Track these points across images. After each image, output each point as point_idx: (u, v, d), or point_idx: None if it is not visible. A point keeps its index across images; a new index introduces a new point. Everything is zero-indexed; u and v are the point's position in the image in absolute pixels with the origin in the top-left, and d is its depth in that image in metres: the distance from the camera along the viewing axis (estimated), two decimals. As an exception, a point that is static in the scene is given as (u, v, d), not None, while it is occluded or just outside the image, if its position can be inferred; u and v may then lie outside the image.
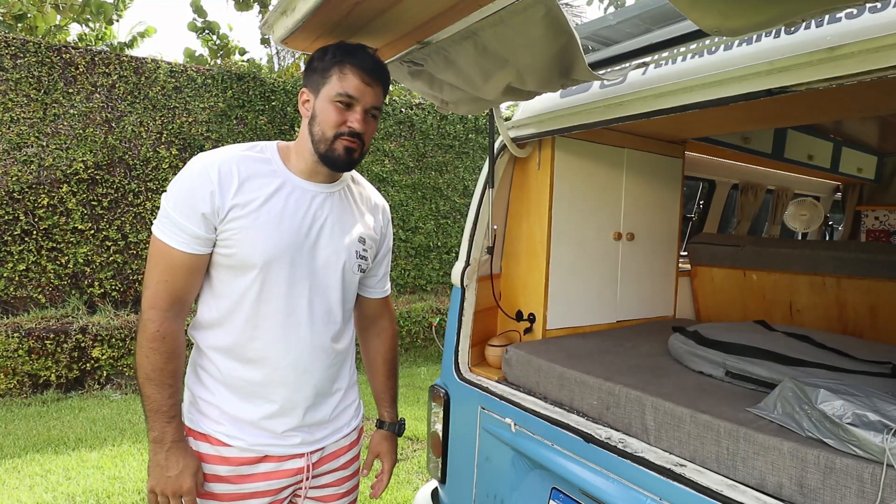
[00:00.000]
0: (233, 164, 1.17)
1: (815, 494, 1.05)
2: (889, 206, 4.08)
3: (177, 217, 1.12)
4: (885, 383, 1.35)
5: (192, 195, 1.12)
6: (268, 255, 1.16)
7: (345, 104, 1.17)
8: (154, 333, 1.13)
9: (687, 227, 3.64)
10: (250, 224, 1.15)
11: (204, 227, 1.13)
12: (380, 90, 1.21)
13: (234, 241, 1.15)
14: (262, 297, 1.19)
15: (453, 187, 7.51)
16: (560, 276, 2.07)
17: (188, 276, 1.16)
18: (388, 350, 1.55)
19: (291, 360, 1.22)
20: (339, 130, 1.18)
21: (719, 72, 1.29)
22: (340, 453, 1.37)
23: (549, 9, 1.16)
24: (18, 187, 5.09)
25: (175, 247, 1.13)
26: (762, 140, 2.87)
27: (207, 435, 1.20)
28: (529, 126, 1.93)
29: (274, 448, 1.23)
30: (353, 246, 1.30)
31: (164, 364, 1.14)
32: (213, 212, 1.13)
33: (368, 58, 1.19)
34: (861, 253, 2.26)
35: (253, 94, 6.24)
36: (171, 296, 1.15)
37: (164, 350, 1.14)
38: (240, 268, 1.17)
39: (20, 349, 4.64)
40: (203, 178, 1.13)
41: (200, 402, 1.23)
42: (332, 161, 1.20)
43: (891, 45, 1.01)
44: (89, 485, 3.18)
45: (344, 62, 1.17)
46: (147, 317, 1.14)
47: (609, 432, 1.42)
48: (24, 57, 5.12)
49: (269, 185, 1.19)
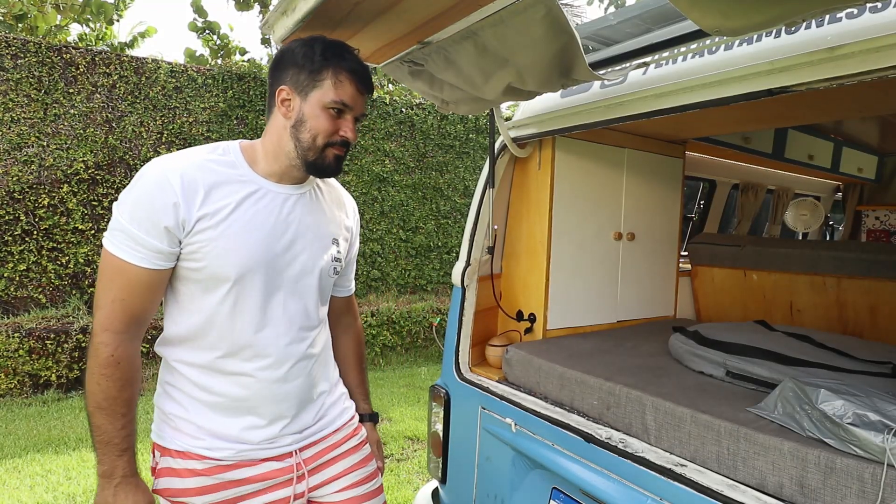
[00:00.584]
0: (196, 172, 1.08)
1: (815, 494, 1.05)
2: (889, 206, 4.07)
3: (134, 231, 1.02)
4: (886, 383, 1.35)
5: (153, 207, 1.02)
6: (241, 267, 1.09)
7: (338, 111, 1.13)
8: (108, 359, 1.04)
9: (687, 227, 3.64)
10: (219, 235, 1.07)
11: (167, 241, 1.04)
12: (367, 98, 1.19)
13: (203, 255, 1.07)
14: (236, 311, 1.12)
15: (454, 187, 7.51)
16: (560, 276, 2.07)
17: (148, 293, 1.07)
18: (357, 345, 1.52)
19: (270, 373, 1.15)
20: (331, 140, 1.13)
21: (720, 72, 1.29)
22: (342, 442, 1.32)
23: (549, 9, 1.16)
24: (19, 187, 5.10)
25: (133, 262, 1.03)
26: (762, 140, 2.87)
27: (187, 452, 1.14)
28: (530, 126, 1.93)
29: (260, 452, 1.18)
30: (327, 248, 1.26)
31: (118, 392, 1.05)
32: (178, 225, 1.04)
33: (359, 62, 1.15)
34: (861, 253, 2.26)
35: (253, 94, 6.24)
36: (129, 316, 1.06)
37: (117, 377, 1.04)
38: (210, 281, 1.09)
39: (21, 349, 4.64)
40: (164, 188, 1.03)
41: (173, 418, 1.15)
42: (321, 169, 1.16)
43: (891, 45, 1.01)
44: (90, 485, 3.18)
45: (339, 67, 1.11)
46: (100, 340, 1.04)
47: (609, 432, 1.42)
48: (24, 57, 5.13)
49: (238, 192, 1.11)
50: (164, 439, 1.17)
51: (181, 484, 1.14)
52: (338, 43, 1.15)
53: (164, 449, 1.17)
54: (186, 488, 1.14)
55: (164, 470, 1.17)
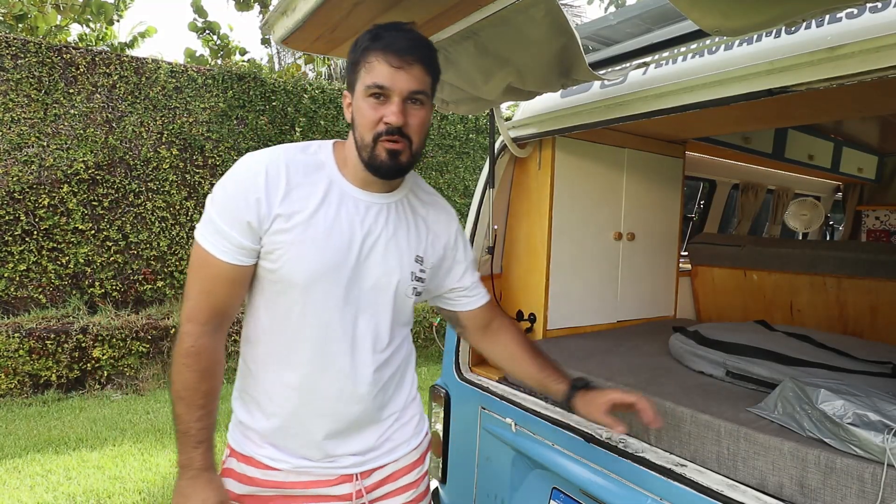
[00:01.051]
0: (281, 168, 1.04)
1: (815, 494, 1.05)
2: (890, 206, 4.07)
3: (219, 223, 1.02)
4: (886, 383, 1.35)
5: (237, 200, 1.01)
6: (311, 274, 1.04)
7: (377, 97, 1.01)
8: (188, 349, 1.03)
9: (687, 227, 3.64)
10: (295, 238, 1.03)
11: (249, 237, 1.02)
12: (419, 70, 1.01)
13: (278, 256, 1.04)
14: (303, 320, 1.07)
15: (454, 187, 7.51)
16: (560, 276, 2.07)
17: (230, 288, 1.06)
18: (518, 337, 1.34)
19: (334, 391, 1.10)
20: (376, 130, 1.02)
21: (720, 72, 1.29)
22: (400, 475, 1.22)
23: (549, 9, 1.16)
24: (19, 187, 5.10)
25: (217, 256, 1.02)
26: (763, 140, 2.87)
27: (250, 457, 1.13)
28: (530, 126, 1.93)
29: (320, 469, 1.13)
30: (408, 266, 1.14)
31: (197, 383, 1.04)
32: (259, 221, 1.02)
33: (398, 37, 1.01)
34: (861, 253, 2.26)
35: (253, 95, 6.24)
36: (212, 309, 1.05)
37: (197, 368, 1.04)
38: (281, 285, 1.06)
39: (21, 349, 4.64)
40: (249, 182, 1.02)
41: (242, 422, 1.15)
42: (377, 168, 1.04)
43: (891, 45, 1.01)
44: (90, 485, 3.18)
45: (369, 49, 1.01)
46: (184, 330, 1.05)
47: (609, 432, 1.42)
48: (24, 57, 5.13)
49: (319, 195, 1.06)
50: (234, 441, 1.17)
51: (238, 489, 1.13)
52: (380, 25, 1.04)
53: (232, 450, 1.16)
54: (242, 494, 1.13)
55: (227, 471, 1.16)
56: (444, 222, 1.24)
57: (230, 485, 1.13)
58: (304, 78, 7.31)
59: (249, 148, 6.19)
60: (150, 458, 3.55)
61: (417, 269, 1.16)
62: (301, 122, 6.49)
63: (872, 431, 1.01)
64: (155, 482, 3.24)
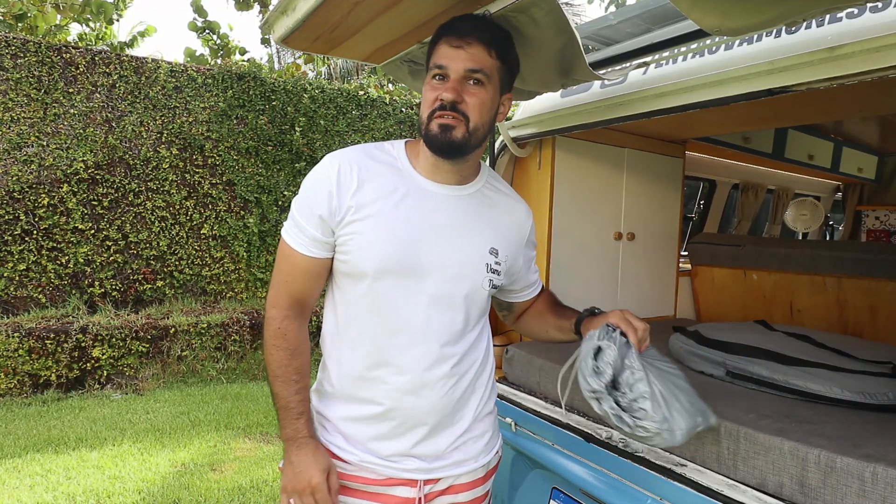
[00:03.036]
0: (354, 163, 1.08)
1: (815, 494, 1.05)
2: (889, 206, 4.08)
3: (299, 218, 1.09)
4: (886, 383, 1.35)
5: (312, 195, 1.08)
6: (380, 263, 1.05)
7: (439, 78, 1.04)
8: (276, 331, 1.11)
9: (687, 226, 3.65)
10: (365, 229, 1.06)
11: (321, 230, 1.07)
12: (479, 49, 1.02)
13: (349, 247, 1.07)
14: (373, 310, 1.09)
15: (453, 187, 7.51)
16: (560, 275, 2.07)
17: (306, 279, 1.12)
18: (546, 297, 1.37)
19: (404, 382, 1.09)
20: (432, 108, 1.04)
21: (720, 71, 1.29)
22: (461, 489, 1.18)
23: (549, 8, 1.16)
24: (19, 187, 5.10)
25: (295, 248, 1.09)
26: (763, 140, 2.87)
27: (323, 445, 1.15)
28: (530, 126, 1.93)
29: (385, 468, 1.11)
30: (483, 258, 1.14)
31: (288, 360, 1.11)
32: (331, 214, 1.06)
33: (462, 22, 1.04)
34: (861, 253, 2.26)
35: (253, 94, 6.24)
36: (291, 297, 1.12)
37: (285, 346, 1.11)
38: (353, 276, 1.09)
39: (20, 349, 4.64)
40: (323, 177, 1.07)
41: (317, 414, 1.18)
42: (431, 142, 1.05)
43: (891, 45, 1.01)
44: (90, 484, 3.18)
45: (437, 38, 1.06)
46: (269, 315, 1.13)
47: (610, 432, 1.42)
48: (24, 56, 5.12)
49: (390, 186, 1.08)
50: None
51: None
52: (455, 17, 1.08)
53: None
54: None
55: None
56: (520, 217, 1.25)
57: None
58: (304, 77, 7.31)
59: (249, 148, 6.20)
60: (150, 458, 3.55)
61: (493, 260, 1.15)
62: (301, 122, 6.49)
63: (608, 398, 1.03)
64: (154, 482, 3.23)
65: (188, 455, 3.61)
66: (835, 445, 1.07)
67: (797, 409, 1.30)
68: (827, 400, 1.33)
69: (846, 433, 1.14)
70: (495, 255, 1.16)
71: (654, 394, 1.03)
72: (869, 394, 1.31)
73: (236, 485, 3.18)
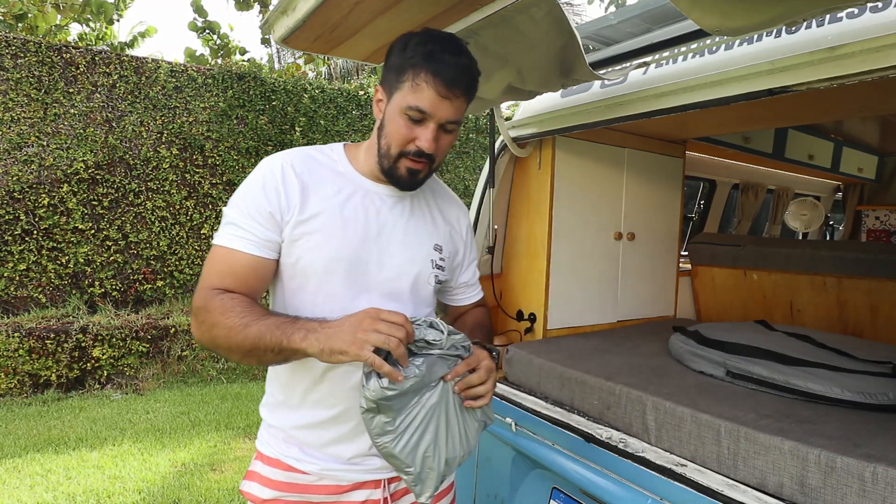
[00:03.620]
0: (297, 164, 1.07)
1: (816, 494, 1.05)
2: (890, 206, 4.08)
3: (242, 221, 1.02)
4: (886, 383, 1.35)
5: (258, 194, 1.03)
6: (329, 263, 1.05)
7: (415, 120, 1.02)
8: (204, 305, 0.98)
9: (687, 226, 3.65)
10: (314, 228, 1.05)
11: (272, 229, 1.03)
12: (461, 102, 1.03)
13: (299, 248, 1.05)
14: (323, 311, 1.06)
15: (454, 187, 7.51)
16: (560, 275, 2.07)
17: (251, 278, 1.03)
18: (482, 312, 1.34)
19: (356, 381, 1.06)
20: (404, 149, 1.03)
21: (720, 71, 1.29)
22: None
23: (549, 8, 1.16)
24: (19, 187, 5.10)
25: (241, 249, 1.01)
26: (763, 140, 2.87)
27: (277, 459, 1.11)
28: (530, 126, 1.93)
29: (347, 473, 1.10)
30: (428, 254, 1.16)
31: (235, 307, 0.97)
32: (280, 213, 1.03)
33: (450, 65, 0.99)
34: (861, 253, 2.26)
35: (253, 94, 6.24)
36: (225, 287, 1.02)
37: (224, 307, 0.97)
38: (300, 278, 1.06)
39: (21, 349, 4.64)
40: (267, 177, 1.05)
41: (268, 427, 1.15)
42: (396, 181, 1.08)
43: (891, 45, 1.01)
44: (90, 484, 3.18)
45: (420, 68, 0.99)
46: (195, 306, 1.01)
47: (610, 432, 1.42)
48: (24, 57, 5.12)
49: (334, 188, 1.08)
50: (261, 444, 1.16)
51: (263, 493, 1.11)
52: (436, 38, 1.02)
53: (259, 453, 1.15)
54: (267, 500, 1.10)
55: (252, 473, 1.15)
56: (457, 216, 1.27)
57: (255, 489, 1.11)
58: (304, 78, 7.31)
59: (249, 148, 6.19)
60: (150, 458, 3.55)
61: (437, 257, 1.18)
62: (301, 122, 6.49)
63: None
64: (155, 482, 3.23)
65: (188, 455, 3.61)
66: (835, 445, 1.07)
67: (797, 409, 1.30)
68: (827, 400, 1.33)
69: (846, 433, 1.14)
70: (440, 252, 1.18)
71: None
72: (869, 394, 1.31)
73: (236, 485, 3.18)
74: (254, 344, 0.94)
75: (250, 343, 0.94)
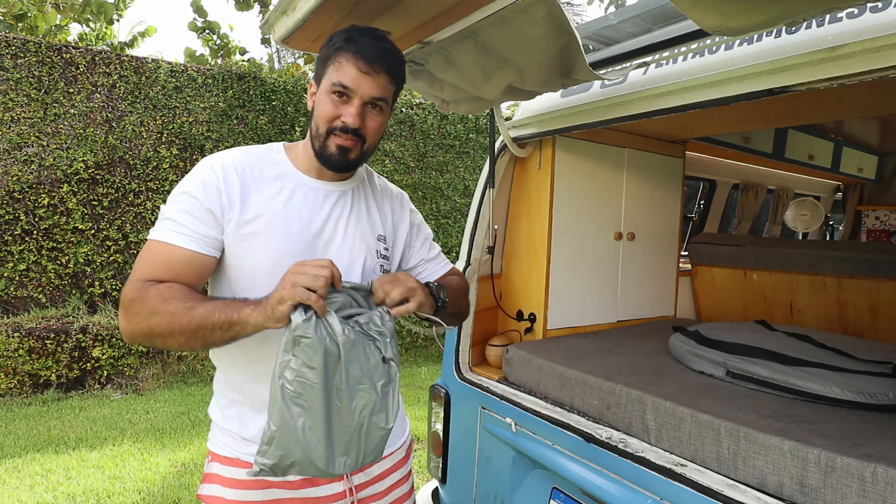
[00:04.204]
0: (237, 163, 1.09)
1: (816, 494, 1.05)
2: (890, 206, 4.07)
3: (182, 217, 1.02)
4: (886, 383, 1.35)
5: (199, 193, 1.03)
6: (276, 261, 1.05)
7: (339, 95, 1.05)
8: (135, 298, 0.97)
9: (687, 226, 3.65)
10: (257, 229, 1.06)
11: (212, 226, 1.03)
12: (384, 79, 1.07)
13: (241, 249, 1.05)
14: None
15: (454, 187, 7.51)
16: (560, 275, 2.07)
17: (187, 277, 1.01)
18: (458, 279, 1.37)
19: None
20: (331, 125, 1.07)
21: (720, 71, 1.29)
22: (387, 474, 1.24)
23: (549, 8, 1.16)
24: (19, 187, 5.09)
25: (179, 245, 1.00)
26: (763, 140, 2.87)
27: (236, 458, 1.11)
28: (530, 126, 1.93)
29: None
30: (373, 245, 1.19)
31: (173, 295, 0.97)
32: (221, 210, 1.04)
33: (370, 45, 1.05)
34: (862, 253, 2.26)
35: (253, 94, 6.24)
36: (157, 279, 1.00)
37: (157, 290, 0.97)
38: (247, 278, 1.07)
39: (21, 349, 4.64)
40: (207, 176, 1.05)
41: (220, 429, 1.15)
42: (326, 160, 1.10)
43: (891, 45, 1.01)
44: (90, 484, 3.18)
45: (341, 50, 1.04)
46: (124, 301, 0.98)
47: (609, 432, 1.42)
48: (24, 56, 5.12)
49: (276, 186, 1.10)
50: (215, 445, 1.15)
51: (226, 494, 1.10)
52: (358, 28, 1.08)
53: (214, 454, 1.14)
54: (228, 500, 1.10)
55: (211, 476, 1.13)
56: (399, 204, 1.32)
57: (217, 491, 1.11)
58: (305, 77, 7.31)
59: (249, 148, 6.19)
60: (150, 458, 3.54)
61: (381, 247, 1.22)
62: (301, 122, 6.49)
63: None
64: (155, 482, 3.23)
65: (188, 455, 3.61)
66: (835, 445, 1.07)
67: (797, 408, 1.30)
68: (827, 400, 1.33)
69: (846, 433, 1.14)
70: (383, 242, 1.22)
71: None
72: (869, 394, 1.31)
73: (236, 485, 3.18)
74: (199, 324, 0.94)
75: (196, 324, 0.94)
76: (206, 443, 1.18)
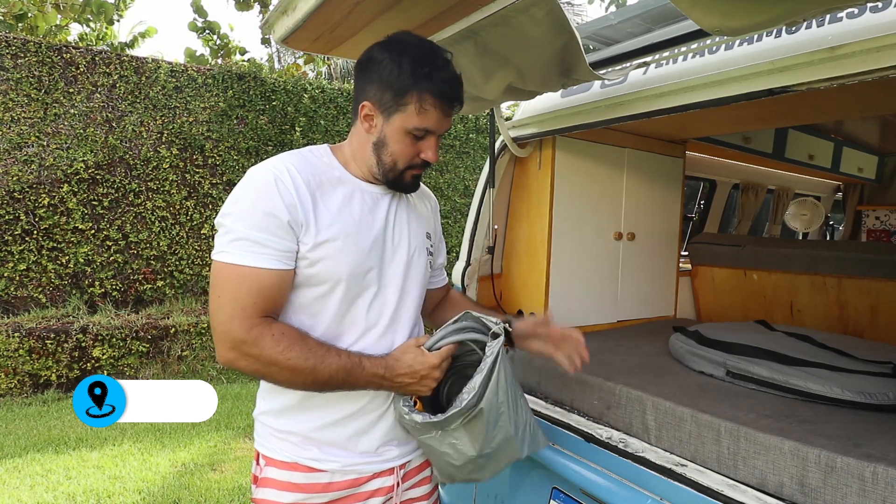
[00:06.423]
0: (301, 172, 1.05)
1: (816, 494, 1.05)
2: (890, 206, 4.07)
3: (255, 233, 0.98)
4: (886, 383, 1.35)
5: (268, 204, 0.99)
6: (353, 266, 1.06)
7: (418, 137, 1.08)
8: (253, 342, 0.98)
9: (688, 226, 3.64)
10: (332, 236, 1.04)
11: (290, 238, 1.01)
12: (457, 111, 1.11)
13: (316, 256, 1.03)
14: (345, 312, 1.08)
15: (454, 187, 7.51)
16: (560, 275, 2.07)
17: (278, 295, 1.02)
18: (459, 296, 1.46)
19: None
20: (413, 163, 1.10)
21: (720, 71, 1.29)
22: (423, 468, 1.27)
23: (550, 8, 1.16)
24: (19, 187, 5.10)
25: (261, 266, 0.98)
26: (763, 140, 2.87)
27: (294, 463, 1.09)
28: (530, 126, 1.93)
29: (368, 466, 1.13)
30: (424, 243, 1.23)
31: (305, 343, 1.01)
32: (296, 221, 1.01)
33: (449, 84, 1.05)
34: (862, 253, 2.26)
35: (253, 94, 6.24)
36: (262, 312, 1.00)
37: (291, 337, 1.00)
38: (325, 286, 1.06)
39: (21, 349, 4.64)
40: (272, 187, 1.00)
41: (277, 432, 1.12)
42: (398, 187, 1.14)
43: (891, 45, 1.01)
44: (90, 484, 3.18)
45: (425, 90, 1.03)
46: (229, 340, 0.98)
47: (610, 432, 1.42)
48: (24, 56, 5.12)
49: (339, 192, 1.09)
50: (270, 449, 1.12)
51: (278, 497, 1.09)
52: (428, 54, 1.05)
53: (269, 459, 1.12)
54: (284, 503, 1.09)
55: (265, 480, 1.11)
56: (432, 205, 1.36)
57: (272, 495, 1.09)
58: (304, 78, 7.31)
59: (249, 148, 6.20)
60: (150, 458, 3.54)
61: (429, 244, 1.26)
62: (301, 122, 6.49)
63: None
64: (155, 482, 3.23)
65: (188, 455, 3.61)
66: (835, 445, 1.07)
67: (797, 408, 1.30)
68: (827, 400, 1.33)
69: (846, 433, 1.14)
70: (430, 240, 1.27)
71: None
72: (869, 394, 1.31)
73: (236, 485, 3.18)
74: (323, 386, 1.03)
75: (320, 385, 1.03)
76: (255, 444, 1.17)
